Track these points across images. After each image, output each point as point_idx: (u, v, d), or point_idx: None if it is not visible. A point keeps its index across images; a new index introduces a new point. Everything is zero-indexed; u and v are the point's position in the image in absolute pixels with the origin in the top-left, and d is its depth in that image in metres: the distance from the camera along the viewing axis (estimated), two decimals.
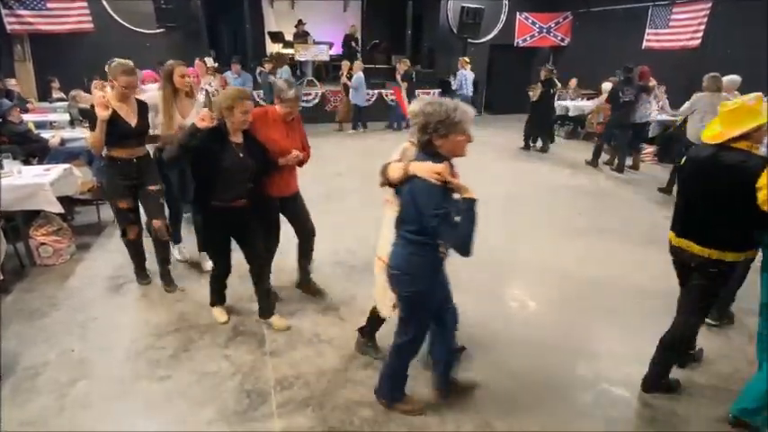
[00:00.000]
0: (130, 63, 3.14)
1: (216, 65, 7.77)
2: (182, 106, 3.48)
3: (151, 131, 3.38)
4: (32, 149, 5.08)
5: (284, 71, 8.52)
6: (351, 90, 9.73)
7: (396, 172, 2.07)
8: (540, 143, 8.81)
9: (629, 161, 7.51)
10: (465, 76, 9.87)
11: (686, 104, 6.05)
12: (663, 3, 9.62)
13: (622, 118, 7.09)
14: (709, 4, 8.66)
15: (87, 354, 2.86)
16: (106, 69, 3.93)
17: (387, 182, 2.16)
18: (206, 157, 2.65)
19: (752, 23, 7.76)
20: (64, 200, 4.07)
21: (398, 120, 10.22)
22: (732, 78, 5.96)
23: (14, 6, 8.61)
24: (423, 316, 2.26)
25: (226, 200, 2.76)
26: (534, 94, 8.49)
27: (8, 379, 2.61)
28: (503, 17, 12.25)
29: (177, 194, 3.41)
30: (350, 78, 9.81)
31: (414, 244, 2.09)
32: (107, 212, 4.80)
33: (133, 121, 3.17)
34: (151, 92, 3.67)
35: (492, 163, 7.66)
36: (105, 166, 3.31)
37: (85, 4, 9.16)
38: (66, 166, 4.28)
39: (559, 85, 8.94)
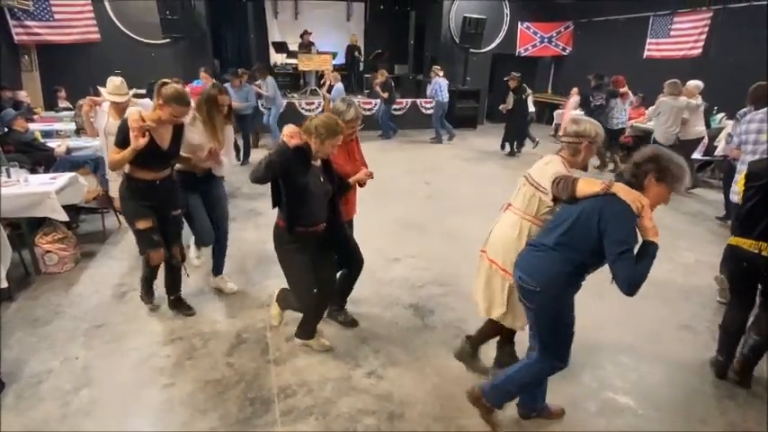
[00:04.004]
0: (186, 91, 2.90)
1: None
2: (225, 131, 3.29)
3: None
4: (39, 158, 5.12)
5: (269, 83, 8.54)
6: (331, 102, 9.41)
7: (592, 187, 1.96)
8: (518, 147, 9.12)
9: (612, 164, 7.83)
10: (439, 84, 9.89)
11: (651, 109, 6.56)
12: (664, 12, 9.67)
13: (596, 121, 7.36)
14: (711, 14, 8.71)
15: (91, 361, 2.86)
16: (104, 89, 3.85)
17: (563, 197, 2.07)
18: (292, 178, 2.50)
19: (753, 32, 7.79)
20: (69, 208, 4.10)
21: (387, 128, 10.30)
22: (696, 83, 6.51)
23: (22, 17, 8.73)
24: (566, 334, 2.12)
25: (311, 225, 2.63)
26: (507, 104, 8.83)
27: (12, 386, 2.62)
28: (504, 27, 12.34)
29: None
30: (329, 90, 9.69)
31: (570, 263, 2.00)
32: (112, 221, 4.84)
33: (165, 145, 2.91)
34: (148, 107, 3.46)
35: (495, 169, 7.69)
36: (124, 187, 2.98)
37: (92, 14, 9.27)
38: (72, 174, 4.30)
39: (530, 90, 9.16)
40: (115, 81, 3.90)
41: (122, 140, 2.76)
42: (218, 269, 3.72)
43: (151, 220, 3.01)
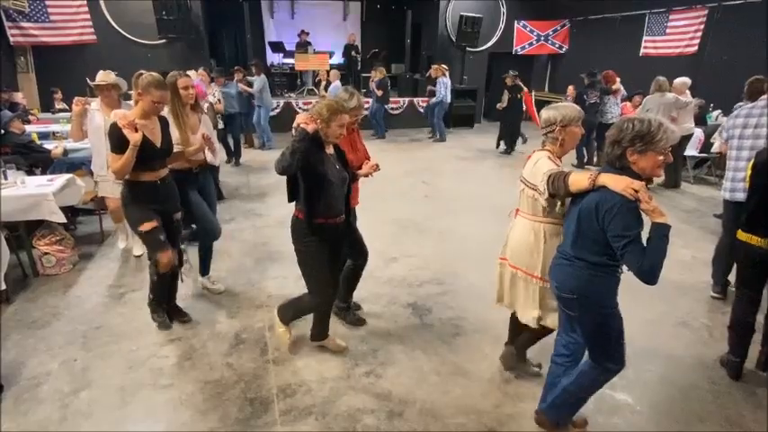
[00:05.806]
0: (160, 76, 2.87)
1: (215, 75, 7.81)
2: (189, 121, 3.26)
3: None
4: (35, 160, 5.11)
5: (260, 80, 8.53)
6: None
7: (581, 183, 1.90)
8: (511, 145, 9.15)
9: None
10: (446, 84, 9.89)
11: (639, 108, 6.67)
12: (660, 10, 9.70)
13: (590, 119, 7.56)
14: (706, 11, 8.74)
15: (90, 363, 2.86)
16: (93, 83, 3.86)
17: (560, 193, 2.02)
18: (312, 167, 2.49)
19: (749, 30, 7.82)
20: (66, 209, 4.09)
21: (381, 128, 10.28)
22: (683, 80, 6.61)
23: (18, 19, 8.71)
24: (613, 337, 2.04)
25: (330, 216, 2.60)
26: (503, 102, 8.84)
27: (10, 389, 2.62)
28: (501, 25, 12.37)
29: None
30: (326, 88, 9.65)
31: (596, 266, 1.93)
32: (109, 222, 4.83)
33: (158, 141, 2.90)
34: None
35: (492, 167, 7.70)
36: (126, 192, 2.93)
37: (88, 15, 9.27)
38: (69, 176, 4.30)
39: (526, 89, 9.16)
40: (102, 72, 3.89)
41: (118, 141, 2.71)
42: (206, 269, 3.70)
43: (156, 221, 2.95)
